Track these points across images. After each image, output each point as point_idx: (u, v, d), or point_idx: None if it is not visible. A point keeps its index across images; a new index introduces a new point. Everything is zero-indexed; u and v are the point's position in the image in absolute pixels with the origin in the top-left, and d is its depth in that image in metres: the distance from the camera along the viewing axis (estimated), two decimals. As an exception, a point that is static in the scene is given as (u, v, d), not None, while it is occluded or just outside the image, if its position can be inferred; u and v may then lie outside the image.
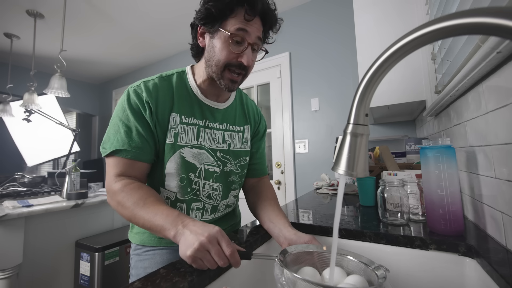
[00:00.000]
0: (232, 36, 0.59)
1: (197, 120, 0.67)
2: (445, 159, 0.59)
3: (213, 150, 0.70)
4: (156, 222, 0.51)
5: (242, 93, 0.83)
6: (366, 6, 1.27)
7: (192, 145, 0.66)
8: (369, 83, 0.32)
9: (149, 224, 0.52)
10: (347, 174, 0.35)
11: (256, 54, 0.66)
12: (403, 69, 1.14)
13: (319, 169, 2.06)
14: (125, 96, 0.62)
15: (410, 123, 1.76)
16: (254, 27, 0.60)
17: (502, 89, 0.47)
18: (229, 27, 0.59)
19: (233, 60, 0.61)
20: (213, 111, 0.70)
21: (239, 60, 0.61)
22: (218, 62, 0.61)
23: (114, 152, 0.60)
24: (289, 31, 2.32)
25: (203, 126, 0.68)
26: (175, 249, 0.69)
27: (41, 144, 3.13)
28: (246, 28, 0.59)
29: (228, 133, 0.73)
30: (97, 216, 1.70)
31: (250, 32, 0.59)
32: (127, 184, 0.58)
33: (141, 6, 2.27)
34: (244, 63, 0.61)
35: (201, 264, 0.45)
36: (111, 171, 0.60)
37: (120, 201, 0.57)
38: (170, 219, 0.51)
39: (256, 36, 0.61)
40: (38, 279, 1.41)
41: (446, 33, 0.25)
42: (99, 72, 3.81)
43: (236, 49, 0.60)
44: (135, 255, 0.70)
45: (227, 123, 0.73)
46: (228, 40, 0.59)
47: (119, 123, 0.61)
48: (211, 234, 0.45)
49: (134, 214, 0.54)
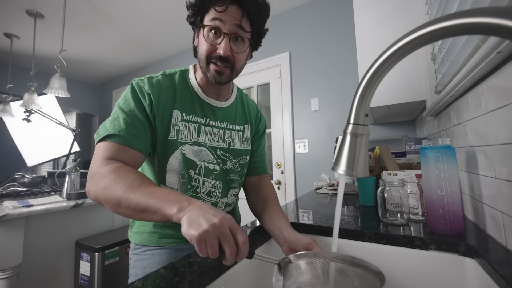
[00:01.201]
0: (205, 27, 0.59)
1: (198, 118, 0.68)
2: (445, 159, 0.59)
3: (213, 148, 0.70)
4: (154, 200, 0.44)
5: (242, 93, 0.83)
6: (366, 6, 1.27)
7: (192, 142, 0.66)
8: (369, 83, 0.32)
9: (145, 203, 0.44)
10: (347, 174, 0.35)
11: (242, 44, 0.63)
12: (403, 69, 1.14)
13: (319, 169, 2.06)
14: (128, 88, 0.63)
15: (410, 123, 1.76)
16: (229, 15, 0.58)
17: (502, 89, 0.47)
18: (206, 20, 0.60)
19: (213, 53, 0.61)
20: (214, 110, 0.71)
21: (218, 52, 0.60)
22: (201, 56, 0.62)
23: (107, 136, 0.55)
24: (289, 31, 2.32)
25: (203, 124, 0.69)
26: (174, 249, 0.69)
27: (41, 144, 3.13)
28: (220, 18, 0.58)
29: (228, 132, 0.73)
30: (97, 216, 1.70)
31: (225, 20, 0.58)
32: (120, 167, 0.52)
33: (141, 6, 2.27)
34: (221, 54, 0.59)
35: (202, 248, 0.38)
36: (99, 154, 0.54)
37: (108, 184, 0.48)
38: (173, 196, 0.44)
39: (233, 24, 0.59)
40: (38, 279, 1.41)
41: (446, 33, 0.25)
42: (99, 72, 3.81)
43: (213, 41, 0.60)
44: (134, 255, 0.70)
45: (227, 122, 0.73)
46: (204, 33, 0.60)
47: (118, 111, 0.60)
48: (224, 217, 0.40)
49: (126, 195, 0.46)
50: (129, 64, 3.55)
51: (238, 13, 0.59)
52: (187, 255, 0.54)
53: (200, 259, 0.51)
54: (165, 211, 0.42)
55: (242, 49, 0.63)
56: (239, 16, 0.59)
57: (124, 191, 0.47)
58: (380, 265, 0.62)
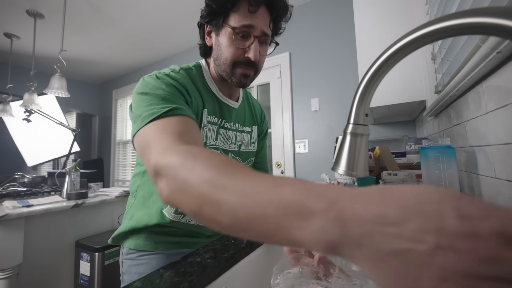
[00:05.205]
0: (236, 31, 0.55)
1: (216, 119, 0.64)
2: (445, 159, 0.59)
3: (225, 151, 0.68)
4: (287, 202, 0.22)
5: (247, 92, 0.80)
6: (366, 7, 1.27)
7: (211, 145, 0.63)
8: (369, 83, 0.32)
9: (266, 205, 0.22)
10: (347, 174, 0.35)
11: (267, 47, 0.61)
12: (403, 69, 1.13)
13: (319, 169, 2.06)
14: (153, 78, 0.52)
15: (410, 123, 1.76)
16: (259, 18, 0.55)
17: (502, 89, 0.47)
18: (232, 22, 0.55)
19: (241, 57, 0.57)
20: (230, 110, 0.67)
21: (246, 56, 0.57)
22: (226, 60, 0.58)
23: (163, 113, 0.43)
24: (289, 31, 2.30)
25: (220, 126, 0.65)
26: (172, 253, 0.65)
27: (41, 144, 3.13)
28: (250, 21, 0.55)
29: (239, 134, 0.71)
30: (97, 216, 1.70)
31: (255, 24, 0.55)
32: (200, 148, 0.35)
33: (142, 5, 2.27)
34: (252, 58, 0.56)
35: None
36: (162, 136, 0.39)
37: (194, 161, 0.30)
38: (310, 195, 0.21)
39: (263, 27, 0.56)
40: (38, 279, 1.41)
41: (446, 33, 0.25)
42: (99, 72, 3.81)
43: (242, 44, 0.56)
44: (128, 260, 0.65)
45: (238, 123, 0.71)
46: (232, 35, 0.56)
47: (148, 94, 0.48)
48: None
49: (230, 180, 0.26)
50: (129, 64, 3.55)
51: (268, 15, 0.57)
52: (187, 255, 0.54)
53: (200, 259, 0.51)
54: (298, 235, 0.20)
55: (266, 52, 0.61)
56: (268, 19, 0.57)
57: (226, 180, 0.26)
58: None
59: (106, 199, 1.71)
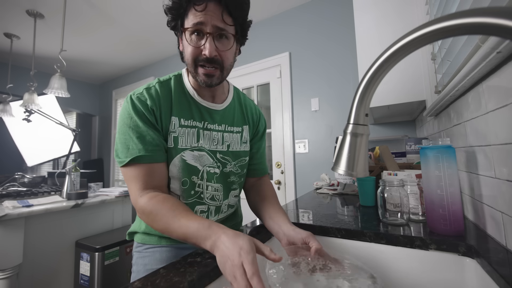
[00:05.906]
0: (189, 30, 0.58)
1: (196, 122, 0.67)
2: (445, 159, 0.59)
3: (213, 152, 0.70)
4: (190, 235, 0.51)
5: (240, 92, 0.82)
6: (366, 6, 1.27)
7: (192, 147, 0.66)
8: (369, 83, 0.32)
9: (183, 237, 0.52)
10: (347, 174, 0.35)
11: (227, 41, 0.61)
12: (403, 69, 1.14)
13: (319, 169, 2.06)
14: (129, 104, 0.61)
15: (410, 123, 1.76)
16: (208, 14, 0.57)
17: (502, 89, 0.47)
18: (186, 23, 0.59)
19: (199, 56, 0.59)
20: (211, 113, 0.70)
21: (203, 54, 0.58)
22: (188, 61, 0.61)
23: (132, 160, 0.59)
24: (289, 31, 2.32)
25: (202, 128, 0.68)
26: (174, 247, 0.70)
27: (41, 144, 3.13)
28: (200, 18, 0.56)
29: (227, 134, 0.73)
30: (97, 216, 1.70)
31: (205, 21, 0.57)
32: (152, 197, 0.57)
33: (142, 5, 2.27)
34: (207, 55, 0.58)
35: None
36: (133, 185, 0.59)
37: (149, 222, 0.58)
38: (203, 232, 0.49)
39: (214, 22, 0.57)
40: (38, 279, 1.41)
41: (446, 33, 0.25)
42: (99, 72, 3.81)
43: (198, 43, 0.58)
44: (137, 252, 0.72)
45: (225, 124, 0.73)
46: (187, 36, 0.59)
47: (128, 131, 0.60)
48: (242, 256, 0.42)
49: (166, 227, 0.54)
50: (129, 64, 3.55)
51: (218, 9, 0.57)
52: (187, 255, 0.54)
53: (200, 259, 0.51)
54: (202, 246, 0.50)
55: (228, 46, 0.61)
56: (219, 13, 0.57)
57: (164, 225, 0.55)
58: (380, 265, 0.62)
59: (106, 199, 1.71)
